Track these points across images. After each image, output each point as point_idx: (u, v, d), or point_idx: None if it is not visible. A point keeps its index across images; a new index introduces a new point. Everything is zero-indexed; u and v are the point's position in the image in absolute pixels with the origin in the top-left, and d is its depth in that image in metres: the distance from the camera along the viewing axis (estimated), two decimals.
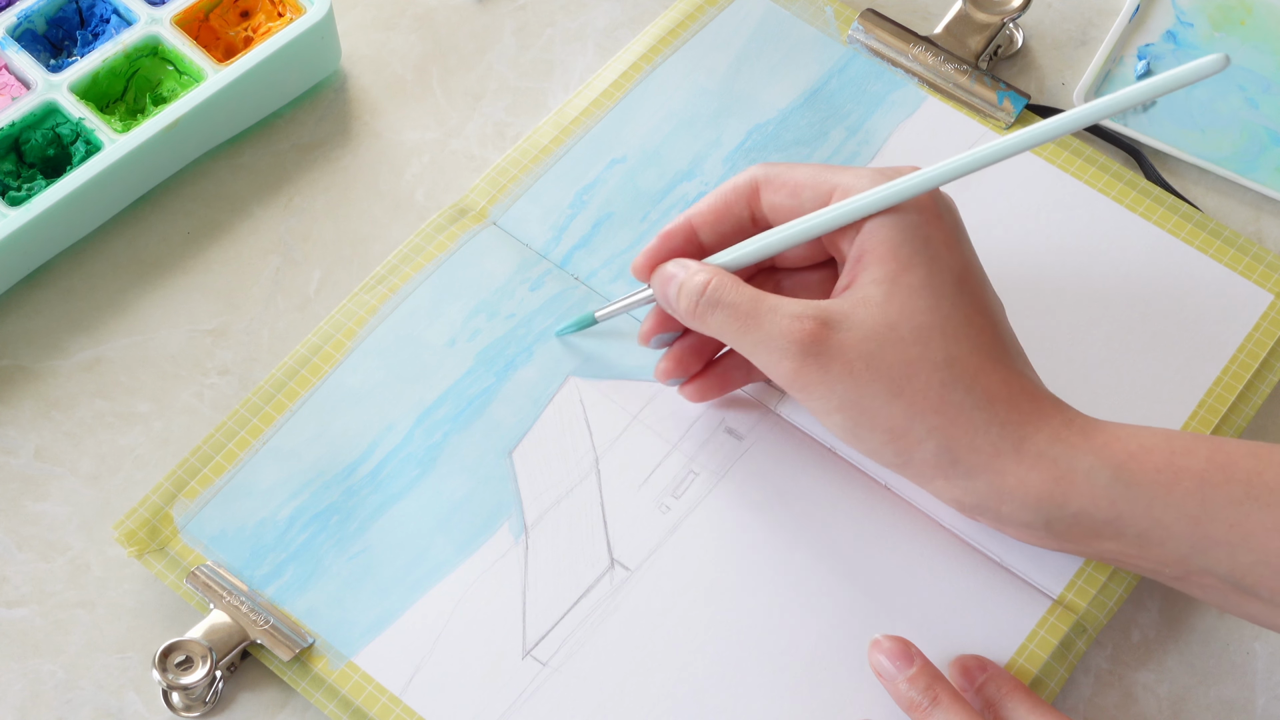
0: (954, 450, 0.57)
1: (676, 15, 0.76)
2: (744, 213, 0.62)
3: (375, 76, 0.76)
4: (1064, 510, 0.57)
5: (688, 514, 0.64)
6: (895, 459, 0.59)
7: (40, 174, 0.70)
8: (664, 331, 0.64)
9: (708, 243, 0.63)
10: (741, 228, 0.62)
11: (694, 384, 0.65)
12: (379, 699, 0.60)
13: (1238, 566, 0.55)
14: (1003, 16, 0.75)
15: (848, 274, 0.60)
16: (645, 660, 0.61)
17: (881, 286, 0.58)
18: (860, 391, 0.58)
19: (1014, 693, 0.58)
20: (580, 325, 0.67)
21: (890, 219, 0.59)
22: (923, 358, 0.57)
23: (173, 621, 0.62)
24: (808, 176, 0.61)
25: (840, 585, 0.62)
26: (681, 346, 0.64)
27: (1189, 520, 0.56)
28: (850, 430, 0.59)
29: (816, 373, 0.58)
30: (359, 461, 0.64)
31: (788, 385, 0.59)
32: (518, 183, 0.71)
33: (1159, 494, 0.56)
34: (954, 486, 0.58)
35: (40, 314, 0.69)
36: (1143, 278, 0.70)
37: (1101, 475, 0.56)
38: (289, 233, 0.72)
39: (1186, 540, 0.56)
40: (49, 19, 0.73)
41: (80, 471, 0.66)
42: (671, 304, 0.61)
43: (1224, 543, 0.55)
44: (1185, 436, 0.57)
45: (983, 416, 0.57)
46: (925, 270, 0.58)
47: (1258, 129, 0.74)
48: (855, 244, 0.60)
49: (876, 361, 0.57)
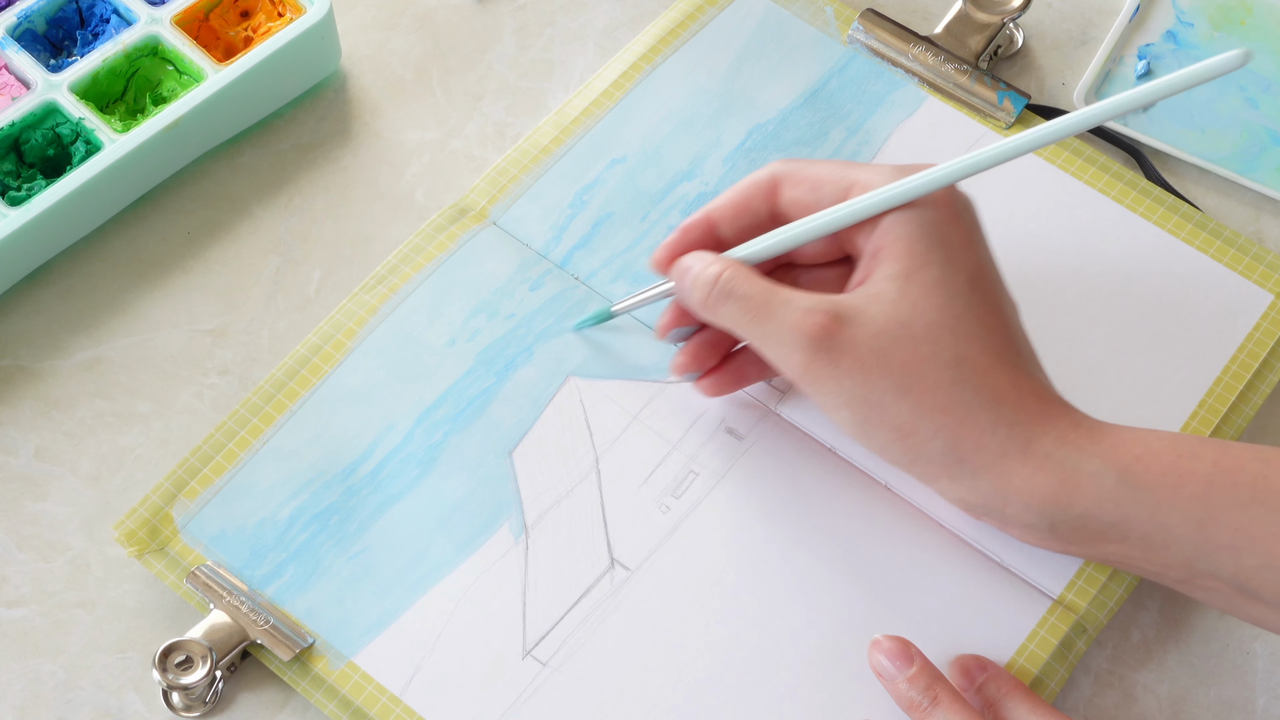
0: (960, 450, 0.57)
1: (676, 15, 0.76)
2: (763, 208, 0.62)
3: (375, 76, 0.76)
4: (1069, 512, 0.57)
5: (688, 514, 0.64)
6: (902, 456, 0.59)
7: (40, 174, 0.70)
8: (681, 325, 0.64)
9: (727, 237, 0.63)
10: (760, 223, 0.62)
11: (709, 379, 0.64)
12: (379, 699, 0.60)
13: (1242, 570, 0.55)
14: (1003, 16, 0.75)
15: (863, 269, 0.60)
16: (645, 660, 0.61)
17: (896, 283, 0.58)
18: (869, 387, 0.58)
19: (1014, 692, 0.58)
20: (598, 319, 0.67)
21: (907, 215, 0.59)
22: (933, 356, 0.57)
23: (173, 621, 0.62)
24: (827, 172, 0.61)
25: (840, 585, 0.62)
26: (698, 341, 0.64)
27: (1194, 524, 0.56)
28: (858, 426, 0.59)
29: (826, 367, 0.58)
30: (359, 461, 0.64)
31: (797, 378, 0.59)
32: (518, 183, 0.71)
33: (1164, 497, 0.56)
34: (959, 486, 0.58)
35: (40, 314, 0.69)
36: (1143, 278, 0.69)
37: (1107, 478, 0.56)
38: (289, 233, 0.72)
39: (1191, 544, 0.56)
40: (49, 19, 0.73)
41: (80, 471, 0.66)
42: (686, 296, 0.61)
43: (1229, 546, 0.55)
44: (1192, 440, 0.57)
45: (990, 417, 0.57)
46: (940, 268, 0.58)
47: (1258, 129, 0.74)
48: (872, 239, 0.60)
49: (887, 358, 0.57)
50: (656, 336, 0.65)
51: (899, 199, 0.59)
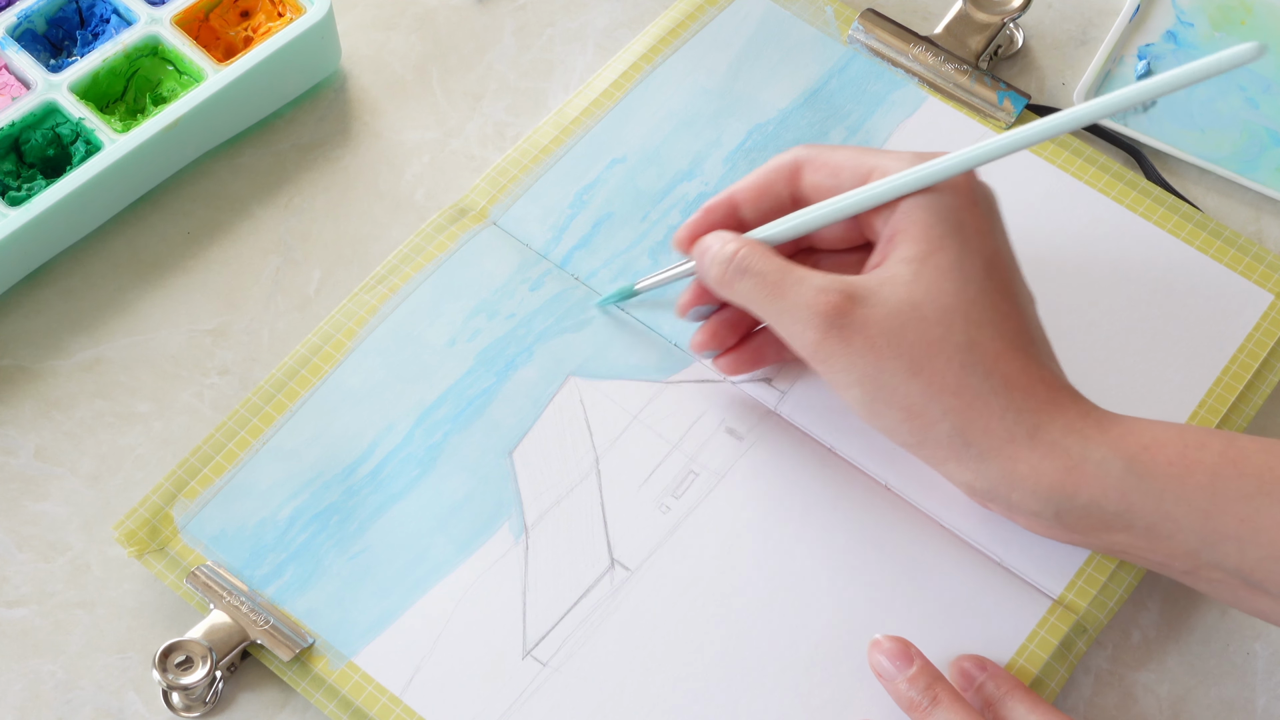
0: (968, 433, 0.58)
1: (676, 15, 0.76)
2: (785, 191, 0.63)
3: (375, 76, 0.76)
4: (1074, 501, 0.57)
5: (688, 514, 0.64)
6: (910, 437, 0.59)
7: (40, 174, 0.70)
8: (701, 304, 0.64)
9: (749, 219, 0.63)
10: (782, 206, 0.63)
11: (728, 357, 0.65)
12: (379, 699, 0.60)
13: (1247, 561, 0.55)
14: (1003, 16, 0.75)
15: (880, 252, 0.60)
16: (645, 660, 0.61)
17: (910, 265, 0.58)
18: (880, 367, 0.58)
19: (1014, 692, 0.58)
20: (622, 296, 0.67)
21: (925, 200, 0.59)
22: (944, 339, 0.58)
23: (173, 621, 0.62)
24: (847, 158, 0.62)
25: (840, 585, 0.62)
26: (718, 319, 0.65)
27: (1199, 514, 0.56)
28: (867, 405, 0.59)
29: (838, 345, 0.58)
30: (359, 461, 0.64)
31: (809, 356, 0.59)
32: (518, 183, 0.71)
33: (1170, 487, 0.56)
34: (966, 469, 0.58)
35: (40, 314, 0.69)
36: (1143, 278, 0.70)
37: (1114, 467, 0.56)
38: (289, 233, 0.72)
39: (1196, 534, 0.56)
40: (49, 19, 0.73)
41: (80, 471, 0.66)
42: (704, 273, 0.62)
43: (1234, 537, 0.55)
44: (1199, 431, 0.57)
45: (999, 402, 0.57)
46: (956, 252, 0.58)
47: (1258, 129, 0.74)
48: (889, 223, 0.60)
49: (898, 339, 0.58)
50: (677, 314, 0.65)
51: (917, 184, 0.59)
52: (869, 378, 0.58)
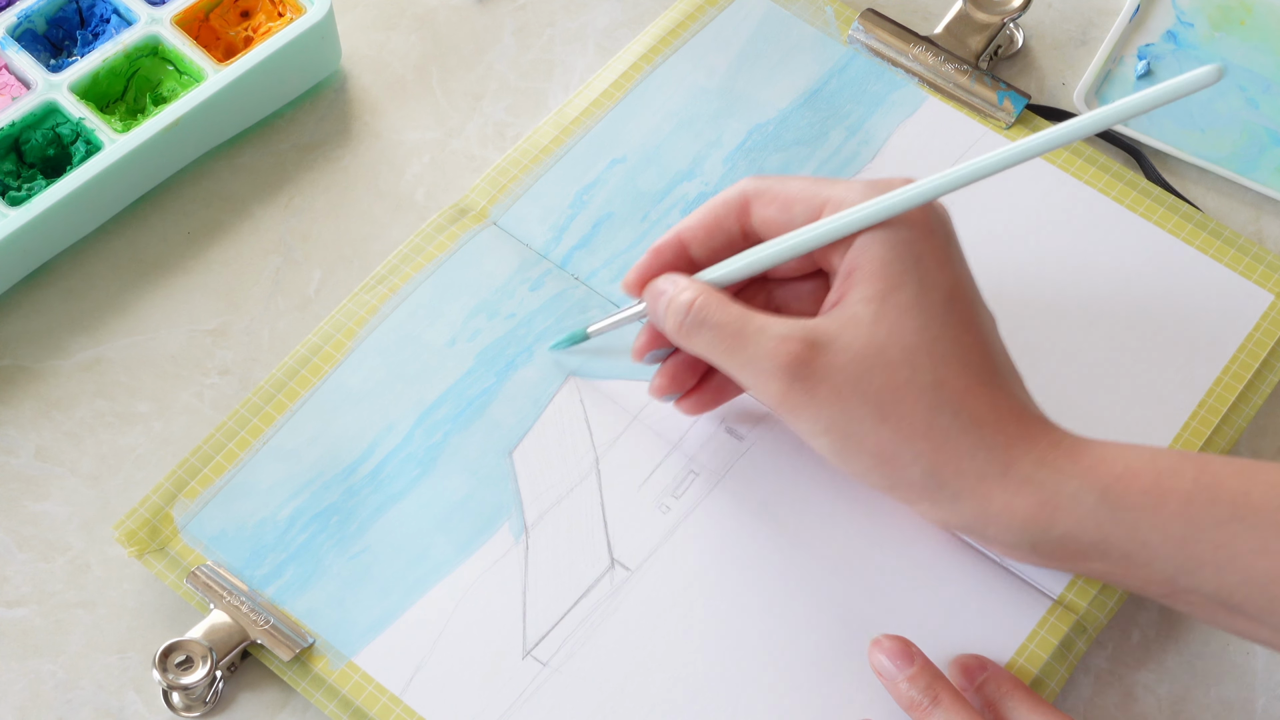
0: (940, 475, 0.57)
1: (676, 15, 0.76)
2: (735, 227, 0.61)
3: (375, 76, 0.76)
4: (1049, 533, 0.57)
5: (688, 514, 0.64)
6: (882, 481, 0.59)
7: (40, 174, 0.70)
8: (657, 348, 0.63)
9: (699, 257, 0.62)
10: (732, 242, 0.62)
11: (690, 399, 0.64)
12: (379, 699, 0.60)
13: (1224, 586, 0.55)
14: (1003, 16, 0.75)
15: (838, 289, 0.59)
16: (645, 660, 0.61)
17: (871, 305, 0.57)
18: (848, 415, 0.57)
19: (1014, 692, 0.58)
20: (572, 341, 0.67)
21: (881, 234, 0.58)
22: (910, 381, 0.57)
23: (173, 621, 0.62)
24: (799, 190, 0.60)
25: (840, 585, 0.62)
26: (675, 362, 0.63)
27: (1175, 541, 0.55)
28: (837, 453, 0.58)
29: (803, 396, 0.57)
30: (359, 461, 0.64)
31: (774, 407, 0.59)
32: (518, 183, 0.71)
33: (1145, 516, 0.56)
34: (940, 509, 0.58)
35: (40, 314, 0.69)
36: (1143, 278, 0.70)
37: (1087, 498, 0.56)
38: (289, 233, 0.72)
39: (1172, 561, 0.56)
40: (49, 19, 0.73)
41: (80, 471, 0.66)
42: (660, 321, 0.61)
43: (1210, 563, 0.55)
44: (1173, 455, 0.57)
45: (969, 441, 0.57)
46: (915, 289, 0.58)
47: (1258, 129, 0.74)
48: (846, 259, 0.59)
49: (864, 384, 0.57)
50: (633, 359, 0.64)
51: (872, 219, 0.58)
52: (837, 426, 0.58)
